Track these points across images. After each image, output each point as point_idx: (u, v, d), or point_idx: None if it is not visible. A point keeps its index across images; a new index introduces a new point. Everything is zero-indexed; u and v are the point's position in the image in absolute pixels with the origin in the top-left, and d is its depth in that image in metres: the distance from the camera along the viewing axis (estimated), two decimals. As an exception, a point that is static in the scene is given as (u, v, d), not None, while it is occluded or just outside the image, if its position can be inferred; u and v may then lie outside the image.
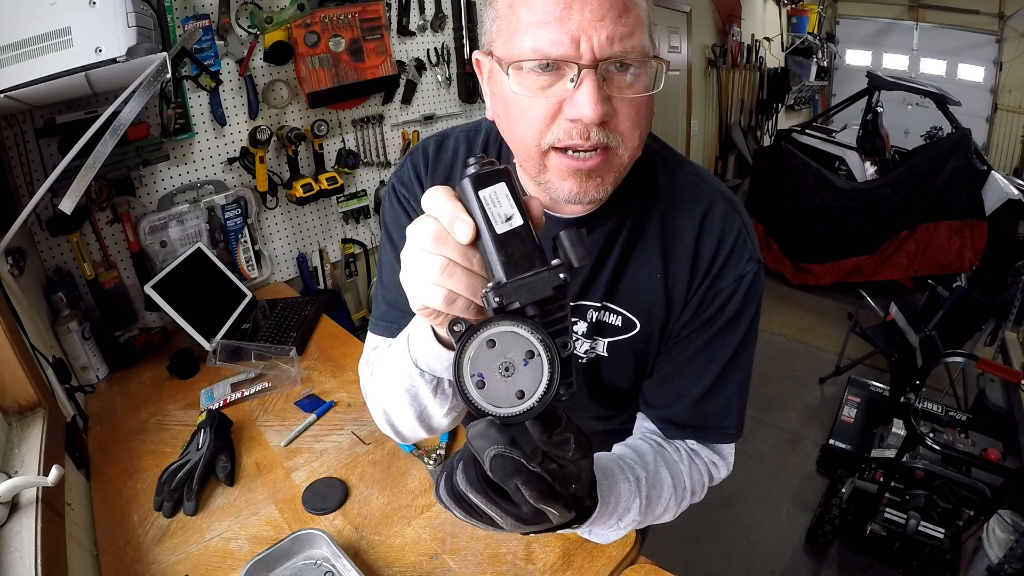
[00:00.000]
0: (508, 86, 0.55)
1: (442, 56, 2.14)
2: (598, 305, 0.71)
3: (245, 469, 1.02)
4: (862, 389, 2.54)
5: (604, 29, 0.50)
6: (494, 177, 0.42)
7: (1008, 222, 3.54)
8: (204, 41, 1.54)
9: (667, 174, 0.70)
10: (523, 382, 0.40)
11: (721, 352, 0.69)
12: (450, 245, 0.42)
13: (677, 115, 4.47)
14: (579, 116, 0.52)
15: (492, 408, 0.40)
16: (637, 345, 0.72)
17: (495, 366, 0.40)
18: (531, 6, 0.52)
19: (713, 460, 0.73)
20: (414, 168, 0.75)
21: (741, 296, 0.67)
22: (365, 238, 2.12)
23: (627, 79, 0.54)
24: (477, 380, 0.40)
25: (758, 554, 2.05)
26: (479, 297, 0.42)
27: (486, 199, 0.41)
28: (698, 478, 0.71)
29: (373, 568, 0.81)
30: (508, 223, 0.41)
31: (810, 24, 5.74)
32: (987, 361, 1.81)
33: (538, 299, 0.40)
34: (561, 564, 0.79)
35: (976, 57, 5.77)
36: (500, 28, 0.56)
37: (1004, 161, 5.62)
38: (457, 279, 0.42)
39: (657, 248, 0.68)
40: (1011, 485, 1.65)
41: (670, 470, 0.69)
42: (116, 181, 1.48)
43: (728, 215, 0.68)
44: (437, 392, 0.58)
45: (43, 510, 0.77)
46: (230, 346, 1.35)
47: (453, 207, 0.42)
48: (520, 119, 0.56)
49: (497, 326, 0.40)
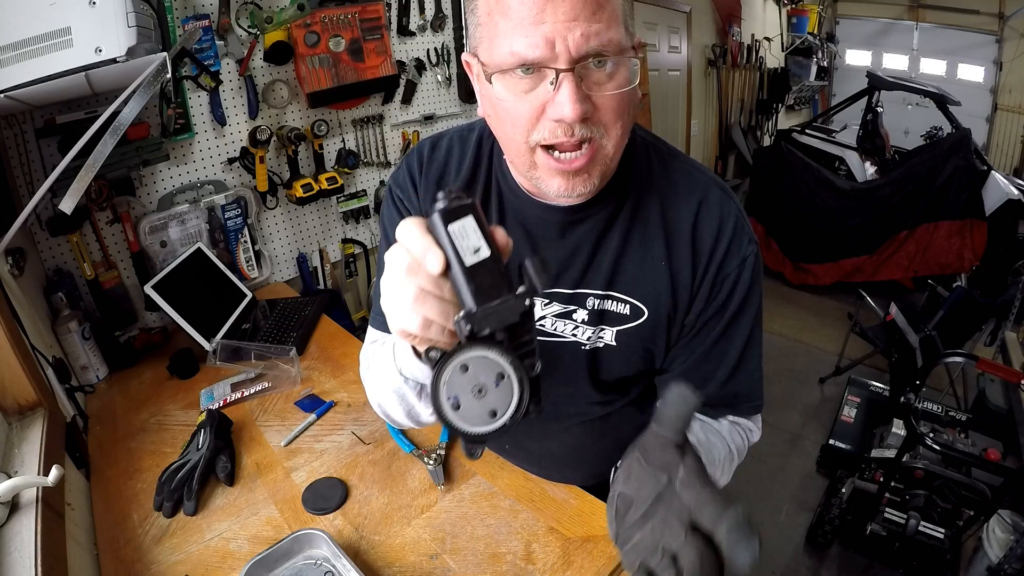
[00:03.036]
0: (494, 90, 0.58)
1: (442, 56, 2.14)
2: (600, 293, 0.73)
3: (245, 469, 1.02)
4: (862, 389, 2.54)
5: (578, 28, 0.53)
6: (462, 211, 0.44)
7: (1008, 222, 3.54)
8: (204, 41, 1.54)
9: (661, 164, 0.73)
10: (495, 402, 0.43)
11: (739, 334, 0.73)
12: (422, 275, 0.45)
13: (677, 115, 4.47)
14: (561, 116, 0.55)
15: (466, 427, 0.44)
16: (645, 333, 0.74)
17: (469, 388, 0.43)
18: (507, 13, 0.54)
19: (748, 427, 0.79)
20: (409, 170, 0.78)
21: (748, 278, 0.71)
22: (365, 238, 2.12)
23: (605, 74, 0.56)
24: (453, 402, 0.43)
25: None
26: (451, 323, 0.44)
27: (455, 233, 0.44)
28: (739, 441, 0.76)
29: (373, 568, 0.81)
30: (476, 255, 0.44)
31: (810, 24, 5.74)
32: (987, 361, 1.81)
33: (506, 325, 0.43)
34: (561, 564, 0.79)
35: (976, 57, 5.77)
36: (482, 35, 0.59)
37: (1004, 161, 5.62)
38: (430, 306, 0.45)
39: (659, 236, 0.71)
40: (1011, 485, 1.65)
41: (717, 436, 0.74)
42: (116, 181, 1.48)
43: (724, 201, 0.71)
44: (422, 396, 0.62)
45: (43, 510, 0.77)
46: (230, 346, 1.35)
47: (424, 240, 0.44)
48: (507, 120, 0.60)
49: (469, 352, 0.43)
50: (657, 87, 3.92)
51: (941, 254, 3.60)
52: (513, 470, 0.96)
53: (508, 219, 0.75)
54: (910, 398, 1.78)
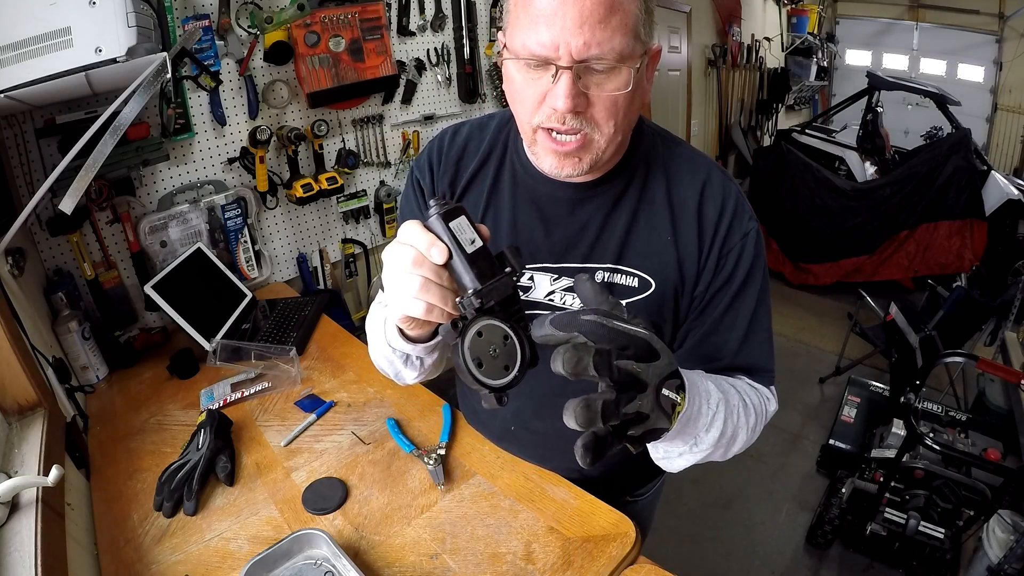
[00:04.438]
0: (509, 70, 0.67)
1: (442, 56, 2.14)
2: (609, 267, 0.77)
3: (245, 469, 1.02)
4: (862, 389, 2.54)
5: (582, 35, 0.58)
6: (456, 212, 0.55)
7: (1008, 222, 3.54)
8: (204, 41, 1.54)
9: (667, 149, 0.79)
10: (506, 359, 0.54)
11: (746, 304, 0.76)
12: (426, 267, 0.54)
13: (677, 115, 4.47)
14: (555, 106, 0.63)
15: (490, 382, 0.53)
16: (653, 306, 0.77)
17: (487, 350, 0.53)
18: (528, 10, 0.61)
19: (766, 395, 0.79)
20: (429, 155, 0.86)
21: (751, 250, 0.75)
22: (365, 238, 2.12)
23: (604, 76, 0.62)
24: (476, 362, 0.52)
25: (758, 554, 2.05)
26: (450, 305, 0.54)
27: (455, 228, 0.54)
28: (756, 401, 0.75)
29: (373, 568, 0.81)
30: (473, 245, 0.54)
31: (810, 24, 5.74)
32: (987, 361, 1.81)
33: (504, 297, 0.54)
34: (561, 564, 0.79)
35: (976, 57, 5.77)
36: (509, 21, 0.65)
37: (1004, 161, 5.62)
38: (433, 293, 0.54)
39: (666, 214, 0.76)
40: (1011, 485, 1.65)
41: (731, 384, 0.73)
42: (116, 181, 1.48)
43: (725, 182, 0.77)
44: (407, 363, 0.75)
45: (43, 510, 0.77)
46: (230, 346, 1.35)
47: (427, 236, 0.54)
48: (518, 99, 0.68)
49: (480, 322, 0.53)
50: (657, 87, 3.92)
51: (941, 254, 3.60)
52: (513, 470, 0.96)
53: (520, 196, 0.80)
54: (910, 398, 1.78)
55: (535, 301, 0.80)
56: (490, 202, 0.81)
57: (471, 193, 0.83)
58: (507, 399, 0.55)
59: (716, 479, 2.36)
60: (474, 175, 0.82)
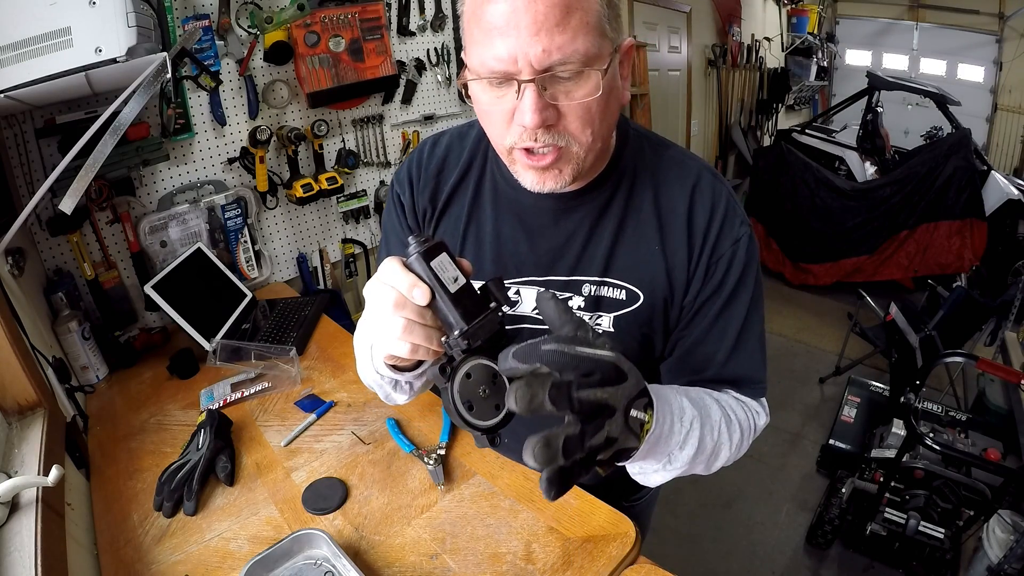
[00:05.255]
0: (475, 92, 0.63)
1: (442, 56, 2.14)
2: (595, 279, 0.74)
3: (245, 469, 1.02)
4: (862, 389, 2.54)
5: (540, 43, 0.54)
6: (437, 249, 0.52)
7: (1008, 222, 3.55)
8: (204, 41, 1.54)
9: (654, 154, 0.75)
10: (496, 398, 0.52)
11: (736, 313, 0.73)
12: (408, 308, 0.52)
13: (677, 115, 4.47)
14: (523, 123, 0.59)
15: (482, 424, 0.52)
16: (643, 318, 0.75)
17: (476, 392, 0.52)
18: (480, 24, 0.57)
19: (755, 408, 0.76)
20: (408, 168, 0.83)
21: (742, 257, 0.72)
22: (365, 238, 2.12)
23: (572, 84, 0.58)
24: (467, 405, 0.52)
25: (758, 554, 2.05)
26: (435, 343, 0.53)
27: (436, 267, 0.52)
28: (742, 415, 0.73)
29: (373, 568, 0.81)
30: (456, 283, 0.52)
31: (810, 24, 5.74)
32: (987, 361, 1.81)
33: (491, 334, 0.52)
34: (561, 564, 0.79)
35: (976, 57, 5.77)
36: (466, 39, 0.62)
37: (1004, 161, 5.63)
38: (417, 335, 0.52)
39: (652, 222, 0.73)
40: (1011, 485, 1.65)
41: (714, 398, 0.71)
42: (116, 181, 1.48)
43: (716, 186, 0.73)
44: (396, 388, 0.74)
45: (43, 510, 0.77)
46: (230, 346, 1.35)
47: (408, 277, 0.52)
48: (487, 120, 0.65)
49: (469, 363, 0.52)
50: (657, 87, 3.92)
51: (941, 254, 3.60)
52: (513, 470, 0.96)
53: (502, 207, 0.77)
54: (910, 398, 1.78)
55: (522, 316, 0.78)
56: (472, 214, 0.79)
57: (453, 205, 0.80)
58: (499, 439, 0.53)
59: (716, 479, 2.34)
60: (455, 187, 0.80)
